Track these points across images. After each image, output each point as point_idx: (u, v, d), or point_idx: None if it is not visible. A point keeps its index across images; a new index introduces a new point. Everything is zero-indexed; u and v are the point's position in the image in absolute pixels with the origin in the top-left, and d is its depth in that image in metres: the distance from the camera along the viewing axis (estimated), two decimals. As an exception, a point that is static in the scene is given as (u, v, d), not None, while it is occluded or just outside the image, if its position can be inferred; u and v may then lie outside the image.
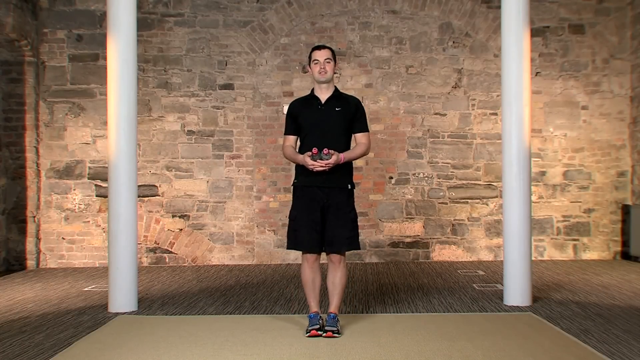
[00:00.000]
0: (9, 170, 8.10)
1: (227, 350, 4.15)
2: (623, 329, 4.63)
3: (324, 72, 4.61)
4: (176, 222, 8.32)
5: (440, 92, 8.43)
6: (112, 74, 5.42)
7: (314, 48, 4.74)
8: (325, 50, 4.66)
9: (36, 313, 5.42)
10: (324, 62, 4.62)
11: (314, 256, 4.61)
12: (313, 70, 4.67)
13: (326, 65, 4.61)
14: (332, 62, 4.64)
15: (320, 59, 4.62)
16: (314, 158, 4.46)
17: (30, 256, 8.14)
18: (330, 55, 4.65)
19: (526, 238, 5.49)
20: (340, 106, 4.64)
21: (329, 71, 4.63)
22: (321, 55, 4.63)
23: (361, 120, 4.71)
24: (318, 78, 4.65)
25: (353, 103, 4.71)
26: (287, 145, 4.72)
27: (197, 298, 6.01)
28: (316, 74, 4.64)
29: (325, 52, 4.65)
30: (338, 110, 4.62)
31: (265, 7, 8.41)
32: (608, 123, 8.42)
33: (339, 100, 4.68)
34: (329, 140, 4.54)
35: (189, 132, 8.36)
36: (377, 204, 8.38)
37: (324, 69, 4.61)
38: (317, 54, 4.64)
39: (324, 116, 4.62)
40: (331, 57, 4.65)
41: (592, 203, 8.39)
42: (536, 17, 8.30)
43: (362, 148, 4.68)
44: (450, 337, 4.43)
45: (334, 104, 4.64)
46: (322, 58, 4.62)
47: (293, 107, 4.74)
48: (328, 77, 4.64)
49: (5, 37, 7.70)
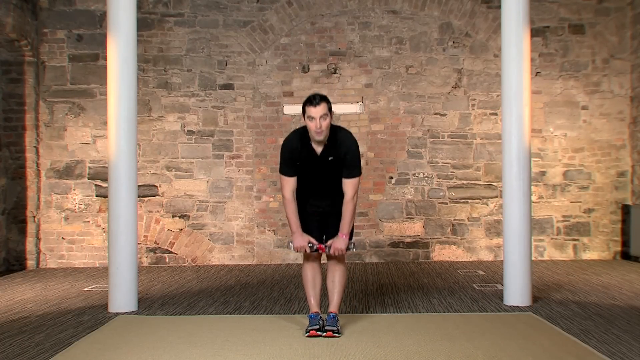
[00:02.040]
0: (9, 170, 8.10)
1: (227, 350, 4.15)
2: (623, 329, 4.63)
3: (320, 132, 4.32)
4: (176, 222, 8.32)
5: (440, 92, 8.43)
6: (112, 74, 5.42)
7: (308, 102, 4.36)
8: (321, 105, 4.30)
9: (36, 313, 5.41)
10: (319, 119, 4.30)
11: (315, 255, 4.62)
12: (308, 126, 4.35)
13: (322, 122, 4.30)
14: (328, 117, 4.33)
15: (315, 117, 4.30)
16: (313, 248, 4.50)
17: (30, 256, 8.14)
18: (326, 110, 4.31)
19: (526, 238, 5.49)
20: (333, 154, 4.43)
21: (325, 129, 4.33)
22: (317, 113, 4.29)
23: (350, 166, 4.45)
24: (315, 138, 4.37)
25: (344, 150, 4.44)
26: (288, 190, 4.50)
27: (197, 298, 6.01)
28: (312, 132, 4.35)
29: (321, 108, 4.30)
30: (331, 160, 4.45)
31: (265, 7, 8.41)
32: (608, 123, 8.42)
33: (332, 148, 4.44)
34: (324, 187, 4.53)
35: (189, 132, 8.36)
36: (377, 204, 8.38)
37: (320, 128, 4.31)
38: (312, 111, 4.30)
39: (319, 165, 4.48)
40: (327, 111, 4.32)
41: (592, 203, 8.39)
42: (536, 17, 8.30)
43: (351, 207, 4.45)
44: (450, 337, 4.43)
45: (327, 154, 4.45)
46: (318, 115, 4.29)
47: (292, 151, 4.48)
48: (325, 137, 4.38)
49: (5, 37, 7.70)
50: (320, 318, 4.54)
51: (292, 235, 4.52)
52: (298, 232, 4.49)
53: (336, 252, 4.49)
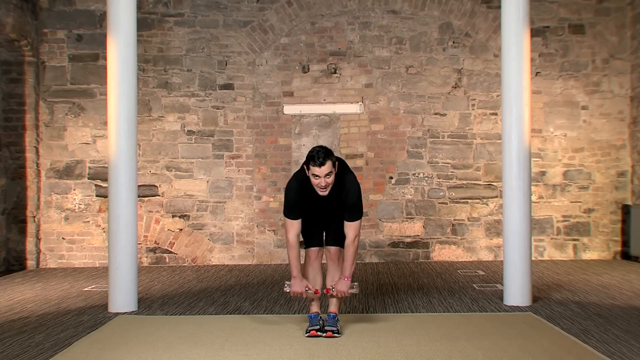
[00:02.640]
0: (9, 170, 8.10)
1: (227, 350, 4.15)
2: (623, 329, 4.63)
3: (324, 190, 4.30)
4: (176, 222, 8.32)
5: (440, 92, 8.43)
6: (112, 74, 5.42)
7: (311, 160, 4.25)
8: (326, 165, 4.22)
9: (36, 313, 5.41)
10: (324, 177, 4.25)
11: (316, 251, 4.61)
12: (312, 182, 4.30)
13: (327, 180, 4.26)
14: (332, 174, 4.27)
15: (321, 175, 4.24)
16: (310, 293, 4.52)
17: (30, 256, 8.14)
18: (331, 168, 4.24)
19: (526, 238, 5.49)
20: (336, 195, 4.39)
21: (330, 184, 4.29)
22: (322, 172, 4.23)
23: (351, 210, 4.42)
24: (318, 193, 4.33)
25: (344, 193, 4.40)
26: (292, 233, 4.45)
27: (197, 298, 6.01)
28: (316, 187, 4.31)
29: (326, 167, 4.22)
30: (335, 200, 4.43)
31: (265, 7, 8.41)
32: (608, 123, 8.42)
33: (336, 189, 4.39)
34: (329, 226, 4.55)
35: (189, 132, 8.36)
36: (377, 204, 8.38)
37: (325, 185, 4.28)
38: (317, 171, 4.24)
39: (323, 207, 4.48)
40: (332, 169, 4.25)
41: (592, 203, 8.39)
42: (536, 17, 8.30)
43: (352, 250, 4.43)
44: (450, 337, 4.43)
45: (331, 195, 4.40)
46: (323, 174, 4.24)
47: (297, 195, 4.43)
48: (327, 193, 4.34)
49: (5, 37, 7.70)
50: (320, 318, 4.55)
51: (292, 279, 4.48)
52: (298, 277, 4.46)
53: (339, 294, 4.50)
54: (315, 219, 4.56)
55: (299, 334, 4.54)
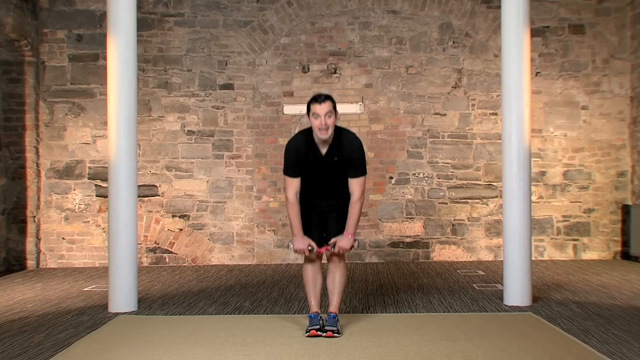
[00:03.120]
0: (9, 170, 8.10)
1: (227, 350, 4.15)
2: (623, 329, 4.63)
3: (325, 130, 4.33)
4: (176, 222, 8.33)
5: (440, 92, 8.43)
6: (112, 74, 5.42)
7: (313, 100, 4.39)
8: (326, 103, 4.33)
9: (36, 313, 5.41)
10: (324, 117, 4.31)
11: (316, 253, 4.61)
12: (312, 124, 4.35)
13: (327, 120, 4.31)
14: (333, 115, 4.34)
15: (321, 114, 4.31)
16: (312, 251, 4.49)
17: (30, 256, 8.14)
18: (331, 108, 4.33)
19: (526, 238, 5.49)
20: (337, 155, 4.44)
21: (331, 127, 4.34)
22: (322, 110, 4.31)
23: (356, 166, 4.47)
24: (319, 136, 4.36)
25: (348, 150, 4.45)
26: (291, 191, 4.49)
27: (197, 298, 6.01)
28: (316, 130, 4.35)
29: (326, 105, 4.32)
30: (336, 161, 4.46)
31: (265, 7, 8.41)
32: (608, 123, 8.42)
33: (337, 148, 4.45)
34: (329, 188, 4.53)
35: (189, 132, 8.37)
36: (377, 204, 8.38)
37: (325, 125, 4.31)
38: (318, 108, 4.32)
39: (324, 166, 4.48)
40: (332, 109, 4.34)
41: (592, 203, 8.39)
42: (536, 17, 8.30)
43: (358, 207, 4.46)
44: (450, 337, 4.43)
45: (332, 155, 4.46)
46: (323, 112, 4.31)
47: (298, 151, 4.47)
48: (329, 137, 4.38)
49: (5, 37, 7.70)
50: (320, 318, 4.54)
51: (293, 237, 4.52)
52: (299, 235, 4.49)
53: (340, 250, 4.49)
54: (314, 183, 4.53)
55: (299, 334, 4.54)
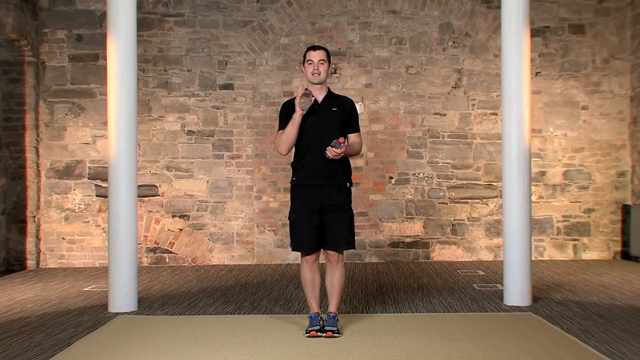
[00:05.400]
0: (9, 170, 8.10)
1: (227, 350, 4.15)
2: (623, 329, 4.63)
3: (317, 74, 4.57)
4: (176, 222, 8.32)
5: (440, 92, 8.43)
6: (112, 74, 5.43)
7: (308, 48, 4.70)
8: (320, 51, 4.62)
9: (36, 313, 5.42)
10: (317, 63, 4.57)
11: (313, 257, 4.61)
12: (306, 70, 4.62)
13: (320, 66, 4.57)
14: (326, 63, 4.60)
15: (314, 60, 4.58)
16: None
17: (30, 256, 8.14)
18: (324, 57, 4.60)
19: (526, 238, 5.49)
20: (336, 106, 4.63)
21: (322, 73, 4.58)
22: (315, 56, 4.58)
23: (355, 121, 4.72)
24: (311, 79, 4.60)
25: (348, 104, 4.70)
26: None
27: (197, 298, 6.01)
28: (309, 74, 4.60)
29: (320, 53, 4.60)
30: (335, 111, 4.61)
31: (265, 7, 8.41)
32: (608, 123, 8.42)
33: (334, 100, 4.67)
34: (327, 140, 4.52)
35: (189, 132, 8.37)
36: (377, 204, 8.38)
37: (317, 70, 4.57)
38: (312, 55, 4.60)
39: (321, 116, 4.59)
40: (325, 58, 4.60)
41: (592, 203, 8.39)
42: (536, 17, 8.30)
43: (358, 147, 4.69)
44: (450, 337, 4.43)
45: (330, 104, 4.62)
46: (316, 59, 4.57)
47: (290, 107, 4.61)
48: (321, 79, 4.59)
49: (5, 37, 7.70)
50: (320, 318, 4.54)
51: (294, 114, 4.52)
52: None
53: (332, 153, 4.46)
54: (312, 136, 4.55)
55: (299, 334, 4.54)
